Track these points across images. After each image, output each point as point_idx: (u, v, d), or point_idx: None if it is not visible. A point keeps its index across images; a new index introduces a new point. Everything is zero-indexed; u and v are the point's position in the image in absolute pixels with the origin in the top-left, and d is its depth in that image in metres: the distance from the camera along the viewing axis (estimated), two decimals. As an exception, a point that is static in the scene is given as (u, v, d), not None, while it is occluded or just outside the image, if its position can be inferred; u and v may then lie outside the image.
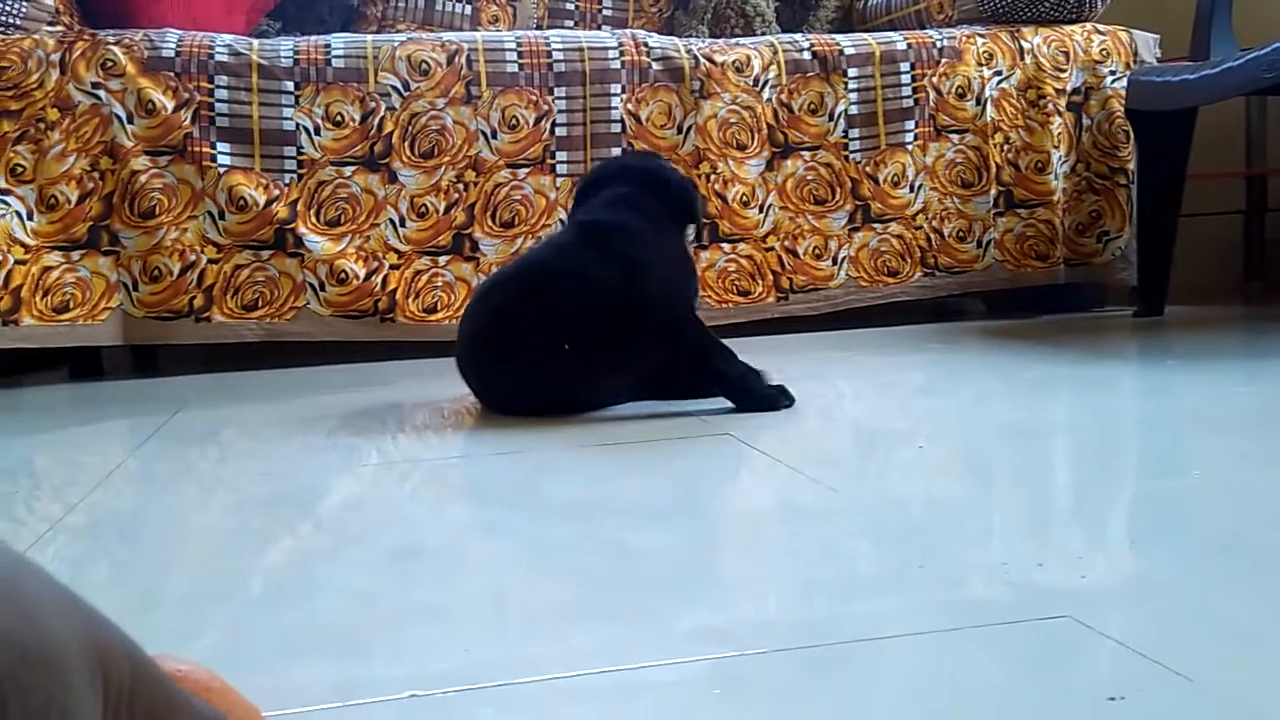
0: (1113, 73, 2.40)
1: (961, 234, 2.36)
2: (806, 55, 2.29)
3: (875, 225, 2.32)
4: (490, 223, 2.15)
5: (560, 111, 2.17)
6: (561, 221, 1.73)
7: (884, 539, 0.89)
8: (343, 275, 2.07)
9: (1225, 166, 2.93)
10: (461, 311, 1.69)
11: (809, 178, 2.29)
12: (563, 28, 2.73)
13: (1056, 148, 2.38)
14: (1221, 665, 0.61)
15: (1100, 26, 2.44)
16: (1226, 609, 0.70)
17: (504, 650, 0.68)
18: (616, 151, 2.18)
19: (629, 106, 2.20)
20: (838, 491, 1.04)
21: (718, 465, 1.21)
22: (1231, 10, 2.29)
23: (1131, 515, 0.97)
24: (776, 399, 1.48)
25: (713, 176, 2.23)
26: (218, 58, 2.05)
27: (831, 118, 2.29)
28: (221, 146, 2.04)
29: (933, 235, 2.35)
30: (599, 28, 2.77)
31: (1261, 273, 3.02)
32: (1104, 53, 2.41)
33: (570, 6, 2.80)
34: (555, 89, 2.17)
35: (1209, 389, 1.52)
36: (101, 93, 1.99)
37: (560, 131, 2.17)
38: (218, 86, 2.04)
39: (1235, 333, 2.19)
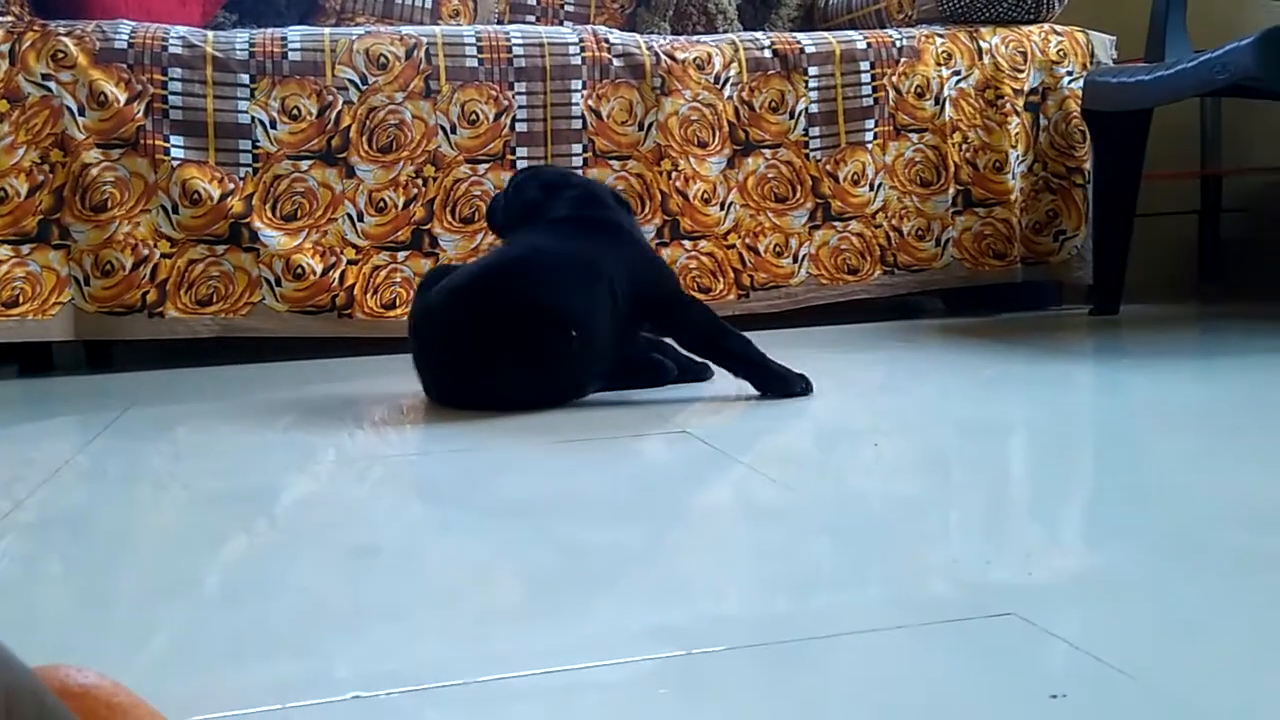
0: (1070, 73, 2.43)
1: (920, 232, 2.38)
2: (767, 53, 2.29)
3: (835, 223, 2.33)
4: (450, 218, 2.13)
5: (520, 107, 2.16)
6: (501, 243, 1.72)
7: (839, 537, 0.89)
8: (299, 270, 2.05)
9: (1180, 167, 2.97)
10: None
11: (770, 175, 2.29)
12: (524, 23, 2.72)
13: (1014, 147, 2.40)
14: (1164, 662, 0.61)
15: (1058, 27, 2.47)
16: (1172, 606, 0.71)
17: (454, 650, 0.68)
18: (578, 148, 2.18)
19: (590, 103, 2.19)
20: (793, 489, 1.04)
21: (675, 463, 1.21)
22: (1186, 12, 2.31)
23: (1083, 512, 0.98)
24: (795, 382, 1.51)
25: (674, 174, 2.23)
26: (171, 50, 2.02)
27: (792, 116, 2.30)
28: (175, 139, 2.01)
29: (892, 234, 2.36)
30: (560, 23, 2.76)
31: (1216, 272, 3.07)
32: (1061, 53, 2.43)
33: (531, 1, 2.79)
34: (515, 84, 2.16)
35: (1163, 386, 1.54)
36: (52, 84, 1.96)
37: (520, 127, 2.16)
38: (171, 79, 2.01)
39: (1189, 331, 2.22)
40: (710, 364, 1.63)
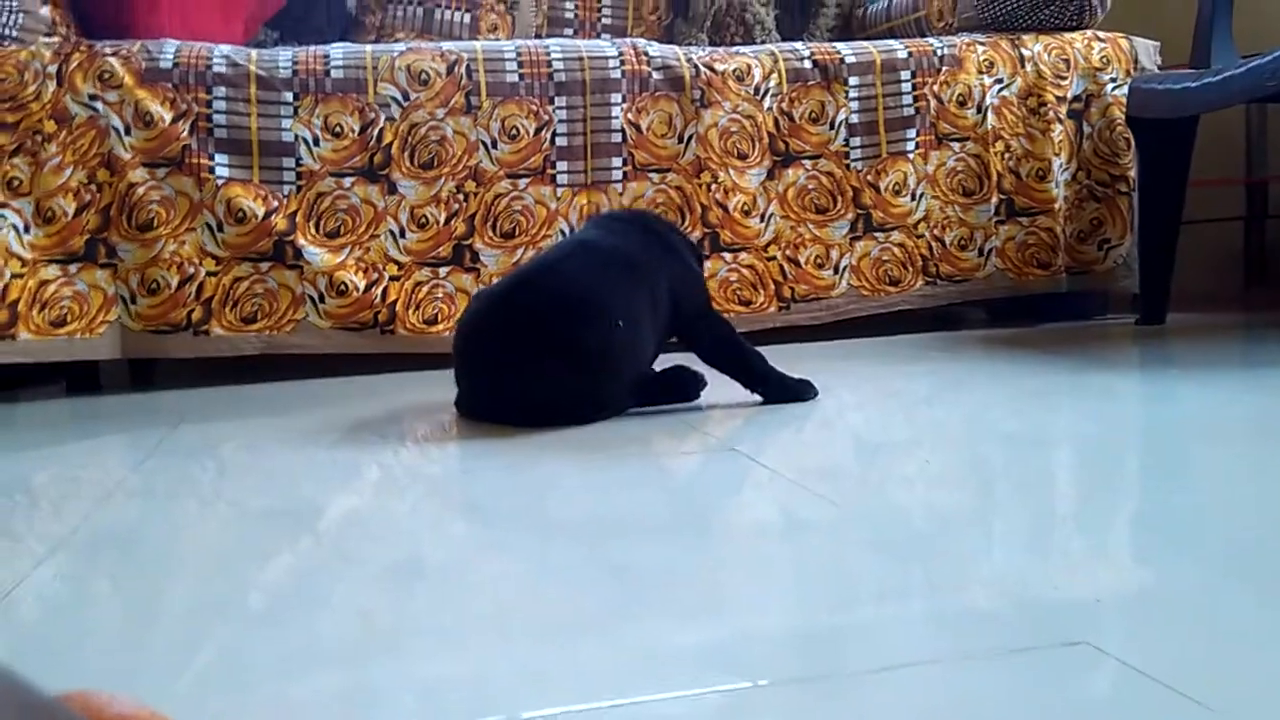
0: (1113, 80, 2.40)
1: (963, 242, 2.36)
2: (807, 64, 2.28)
3: (877, 234, 2.32)
4: (491, 233, 2.14)
5: (561, 121, 2.16)
6: (562, 232, 1.75)
7: (892, 556, 0.88)
8: (342, 287, 2.06)
9: (1226, 174, 2.93)
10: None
11: (810, 186, 2.28)
12: (562, 36, 2.72)
13: (1057, 155, 2.37)
14: (1242, 692, 0.59)
15: (1100, 34, 2.44)
16: (1245, 630, 0.69)
17: (511, 671, 0.67)
18: (617, 161, 2.18)
19: (629, 116, 2.19)
20: (841, 506, 1.03)
21: (724, 480, 1.20)
22: (1232, 17, 2.28)
23: (1142, 530, 0.96)
24: (805, 390, 1.58)
25: (714, 186, 2.22)
26: (215, 68, 2.04)
27: (832, 126, 2.28)
28: (220, 158, 2.03)
29: (934, 244, 2.34)
30: (598, 36, 2.76)
31: (1262, 280, 3.02)
32: (1104, 60, 2.40)
33: (569, 15, 2.80)
34: (555, 98, 2.16)
35: (1213, 397, 1.51)
36: (99, 104, 1.98)
37: (561, 141, 2.16)
38: (215, 98, 2.03)
39: (1237, 340, 2.18)
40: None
